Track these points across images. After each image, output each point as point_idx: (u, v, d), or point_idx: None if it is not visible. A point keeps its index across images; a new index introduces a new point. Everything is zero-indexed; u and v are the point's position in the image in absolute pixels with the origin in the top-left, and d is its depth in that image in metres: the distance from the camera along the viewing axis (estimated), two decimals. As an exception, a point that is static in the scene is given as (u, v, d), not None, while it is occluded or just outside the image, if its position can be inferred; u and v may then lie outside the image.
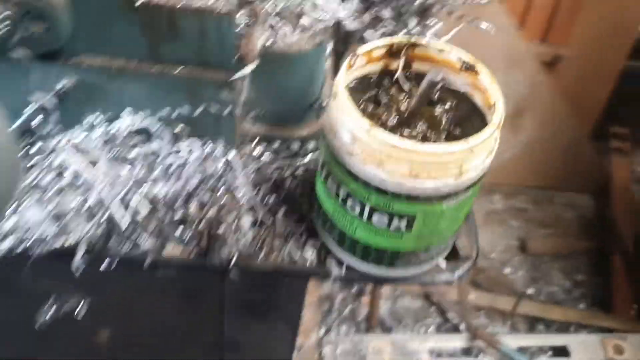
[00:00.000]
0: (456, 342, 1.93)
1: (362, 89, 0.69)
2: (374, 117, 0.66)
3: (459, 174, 0.61)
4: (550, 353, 1.94)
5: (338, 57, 0.92)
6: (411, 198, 0.62)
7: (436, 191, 0.61)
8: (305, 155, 0.82)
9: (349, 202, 0.66)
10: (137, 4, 0.66)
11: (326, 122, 0.65)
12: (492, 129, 0.60)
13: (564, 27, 2.14)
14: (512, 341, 1.91)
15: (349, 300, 2.02)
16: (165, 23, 0.69)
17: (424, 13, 1.11)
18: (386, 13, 1.00)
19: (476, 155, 0.60)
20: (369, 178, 0.61)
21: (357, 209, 0.66)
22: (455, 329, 2.00)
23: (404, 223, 0.65)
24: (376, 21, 1.04)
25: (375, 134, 0.59)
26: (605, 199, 2.32)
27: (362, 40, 1.01)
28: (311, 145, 0.82)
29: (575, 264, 2.22)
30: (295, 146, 0.82)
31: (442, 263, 0.76)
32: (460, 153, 0.58)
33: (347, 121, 0.61)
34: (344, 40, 0.92)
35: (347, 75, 0.64)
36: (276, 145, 0.82)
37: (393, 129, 0.66)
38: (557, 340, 1.96)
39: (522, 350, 1.90)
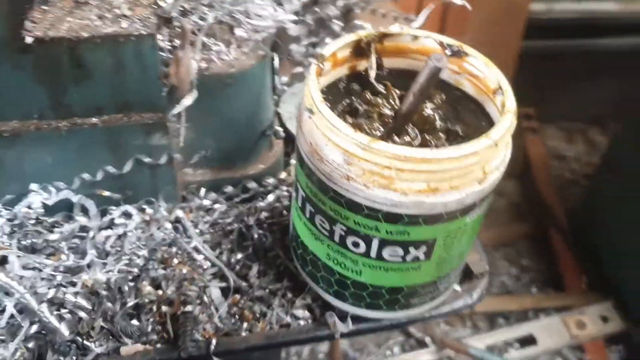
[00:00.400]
0: (424, 356, 1.83)
1: (332, 100, 0.56)
2: (356, 130, 0.53)
3: (483, 177, 0.49)
4: (517, 345, 1.89)
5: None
6: (431, 218, 0.49)
7: (460, 204, 0.49)
8: (266, 194, 0.67)
9: (350, 240, 0.52)
10: (28, 41, 0.50)
11: (303, 148, 0.52)
12: (511, 115, 0.49)
13: (458, 18, 2.12)
14: (478, 342, 1.85)
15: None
16: (69, 61, 0.53)
17: (347, 15, 1.00)
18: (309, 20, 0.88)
19: (499, 150, 0.49)
20: (376, 204, 0.48)
21: (362, 246, 0.52)
22: (419, 343, 1.90)
23: (422, 251, 0.52)
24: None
25: (378, 147, 0.46)
26: (529, 181, 2.32)
27: (291, 55, 0.89)
28: (271, 181, 0.68)
29: (518, 250, 2.19)
30: (251, 186, 0.67)
31: (457, 287, 0.64)
32: (484, 151, 0.47)
33: (337, 140, 0.48)
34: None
35: (317, 84, 0.51)
36: (228, 190, 0.67)
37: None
38: (521, 330, 1.92)
39: (489, 348, 1.84)
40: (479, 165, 0.48)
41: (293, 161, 0.73)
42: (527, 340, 1.88)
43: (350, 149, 0.47)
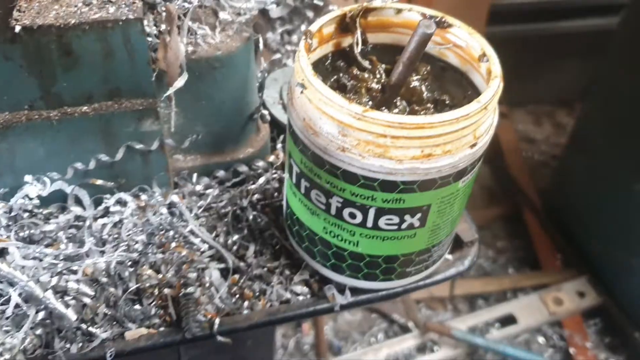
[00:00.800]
0: (409, 341, 1.85)
1: (320, 77, 0.57)
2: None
3: (474, 140, 0.51)
4: (498, 325, 1.93)
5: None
6: (425, 184, 0.51)
7: (453, 168, 0.51)
8: (257, 177, 0.68)
9: (347, 211, 0.54)
10: (16, 30, 0.50)
11: (296, 124, 0.53)
12: (498, 80, 0.51)
13: (423, 4, 2.14)
14: (460, 324, 1.88)
15: (289, 333, 1.87)
16: (57, 49, 0.53)
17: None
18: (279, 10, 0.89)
19: (488, 114, 0.51)
20: (372, 173, 0.50)
21: (359, 217, 0.54)
22: (403, 329, 1.93)
23: (417, 218, 0.54)
24: (273, 20, 0.93)
25: (373, 116, 0.47)
26: (500, 164, 2.36)
27: (266, 45, 0.90)
28: (260, 164, 0.69)
29: (493, 232, 2.23)
30: (242, 170, 0.68)
31: (449, 255, 0.66)
32: (475, 115, 0.48)
33: (331, 111, 0.49)
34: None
35: (308, 59, 0.52)
36: (220, 174, 0.68)
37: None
38: (501, 310, 1.95)
39: (471, 330, 1.87)
40: (470, 128, 0.49)
41: (279, 145, 0.74)
42: (508, 320, 1.91)
43: (345, 119, 0.48)
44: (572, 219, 2.04)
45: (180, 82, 0.56)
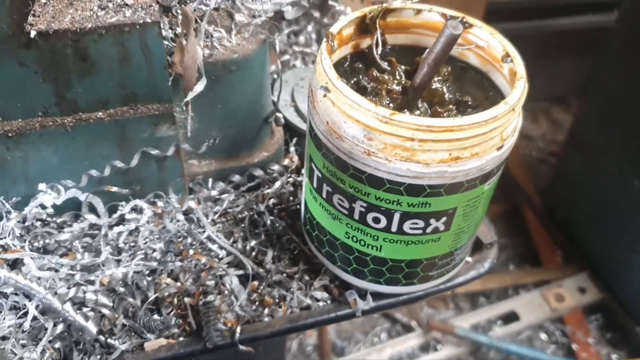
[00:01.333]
0: (412, 340, 1.85)
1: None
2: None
3: (501, 143, 0.50)
4: (500, 322, 1.92)
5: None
6: (452, 188, 0.50)
7: (480, 171, 0.50)
8: (273, 181, 0.67)
9: (371, 216, 0.53)
10: (32, 35, 0.49)
11: (319, 128, 0.52)
12: (523, 81, 0.50)
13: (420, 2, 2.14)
14: (462, 322, 1.88)
15: (292, 335, 1.86)
16: (73, 54, 0.52)
17: (324, 3, 1.01)
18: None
19: (516, 115, 0.50)
20: (398, 177, 0.49)
21: (383, 222, 0.53)
22: (405, 328, 1.92)
23: (442, 222, 0.53)
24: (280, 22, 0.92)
25: (400, 119, 0.46)
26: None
27: (273, 47, 0.89)
28: (275, 168, 0.68)
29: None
30: (257, 174, 0.67)
31: (469, 258, 0.65)
32: (503, 116, 0.48)
33: (356, 115, 0.48)
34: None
35: (330, 62, 0.51)
36: (235, 178, 0.67)
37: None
38: (503, 307, 1.95)
39: (474, 327, 1.87)
40: (497, 130, 0.49)
41: (292, 148, 0.73)
42: (510, 317, 1.91)
43: (371, 123, 0.47)
44: (571, 216, 2.04)
45: (200, 87, 0.55)
